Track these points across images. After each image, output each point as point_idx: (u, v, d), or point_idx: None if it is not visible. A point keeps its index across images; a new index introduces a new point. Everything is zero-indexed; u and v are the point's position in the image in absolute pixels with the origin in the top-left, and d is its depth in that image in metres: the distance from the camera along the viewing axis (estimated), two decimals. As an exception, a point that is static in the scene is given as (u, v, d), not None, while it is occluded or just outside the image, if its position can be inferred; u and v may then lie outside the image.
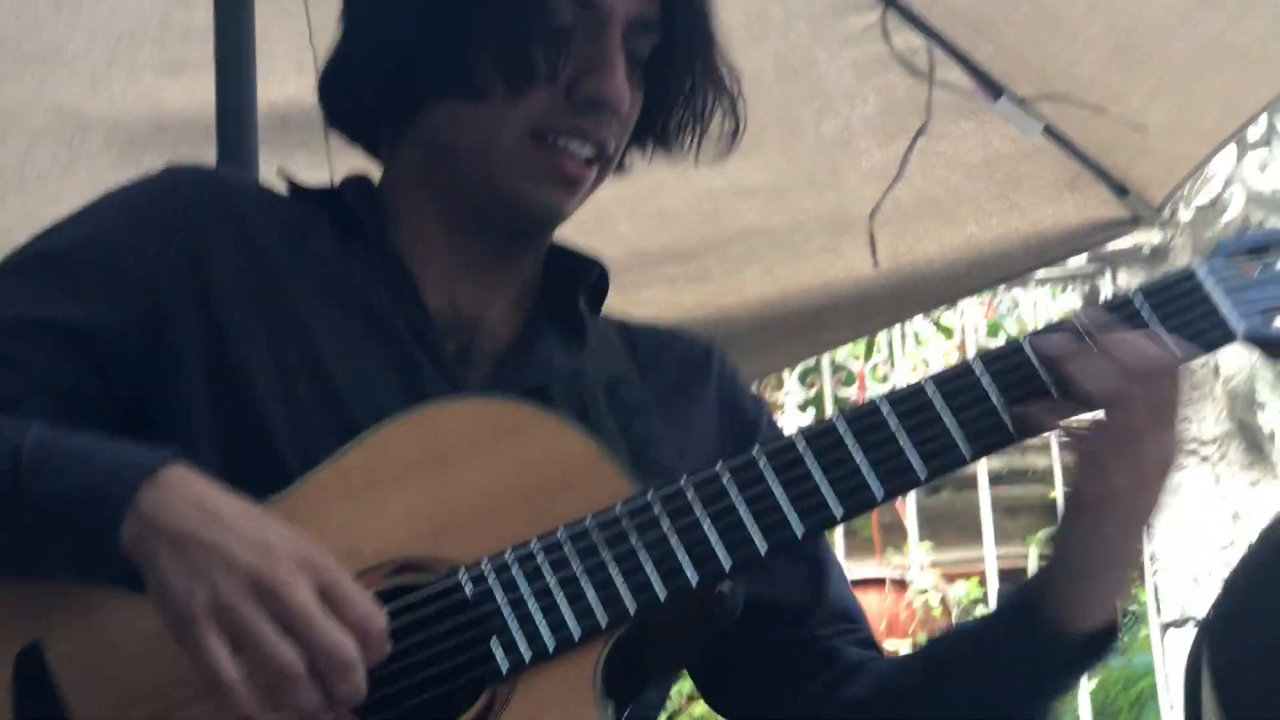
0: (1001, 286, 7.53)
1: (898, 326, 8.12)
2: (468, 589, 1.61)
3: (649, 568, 1.64)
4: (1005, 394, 1.69)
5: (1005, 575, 8.60)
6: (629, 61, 1.86)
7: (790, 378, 8.33)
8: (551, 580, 1.62)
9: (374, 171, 1.95)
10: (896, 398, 1.71)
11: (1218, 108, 3.25)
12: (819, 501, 1.68)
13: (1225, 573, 2.97)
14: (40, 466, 1.53)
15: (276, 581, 1.46)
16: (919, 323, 8.78)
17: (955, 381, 1.70)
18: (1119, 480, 1.69)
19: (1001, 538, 8.42)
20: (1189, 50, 3.14)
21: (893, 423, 1.69)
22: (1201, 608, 6.62)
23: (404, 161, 1.90)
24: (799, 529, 1.67)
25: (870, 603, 8.28)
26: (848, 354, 8.61)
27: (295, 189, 1.93)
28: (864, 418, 1.70)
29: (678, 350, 2.05)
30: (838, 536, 7.58)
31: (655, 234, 3.68)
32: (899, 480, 1.69)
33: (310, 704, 1.46)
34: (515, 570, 1.62)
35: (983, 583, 8.13)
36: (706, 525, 1.66)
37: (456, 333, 1.85)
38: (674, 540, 1.65)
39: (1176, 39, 3.14)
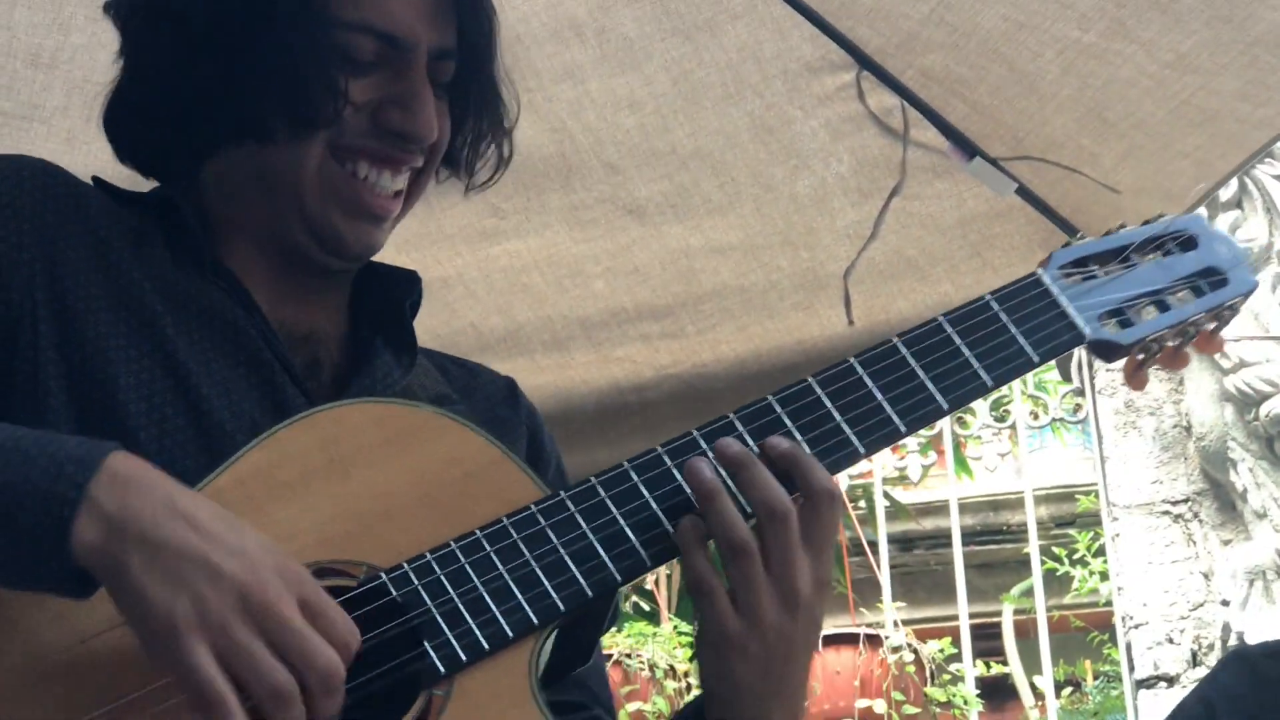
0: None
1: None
2: (394, 592, 1.60)
3: (573, 566, 1.65)
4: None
5: (978, 631, 8.61)
6: (435, 89, 1.88)
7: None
8: (477, 581, 1.62)
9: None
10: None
11: (1190, 169, 3.27)
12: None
13: (1198, 631, 2.99)
14: None
15: (267, 599, 1.45)
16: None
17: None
18: (769, 612, 1.68)
19: (975, 595, 8.43)
20: (1161, 113, 3.17)
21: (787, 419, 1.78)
22: (1174, 666, 6.62)
23: (212, 190, 1.88)
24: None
25: (844, 660, 8.27)
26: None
27: (122, 195, 1.90)
28: (761, 415, 1.78)
29: (483, 380, 2.07)
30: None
31: (630, 291, 3.69)
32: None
33: None
34: (439, 572, 1.62)
35: (956, 640, 8.12)
36: (623, 523, 1.68)
37: (297, 349, 1.84)
38: (593, 538, 1.67)
39: (1148, 101, 3.16)
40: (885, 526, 8.65)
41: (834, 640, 8.24)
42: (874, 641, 8.34)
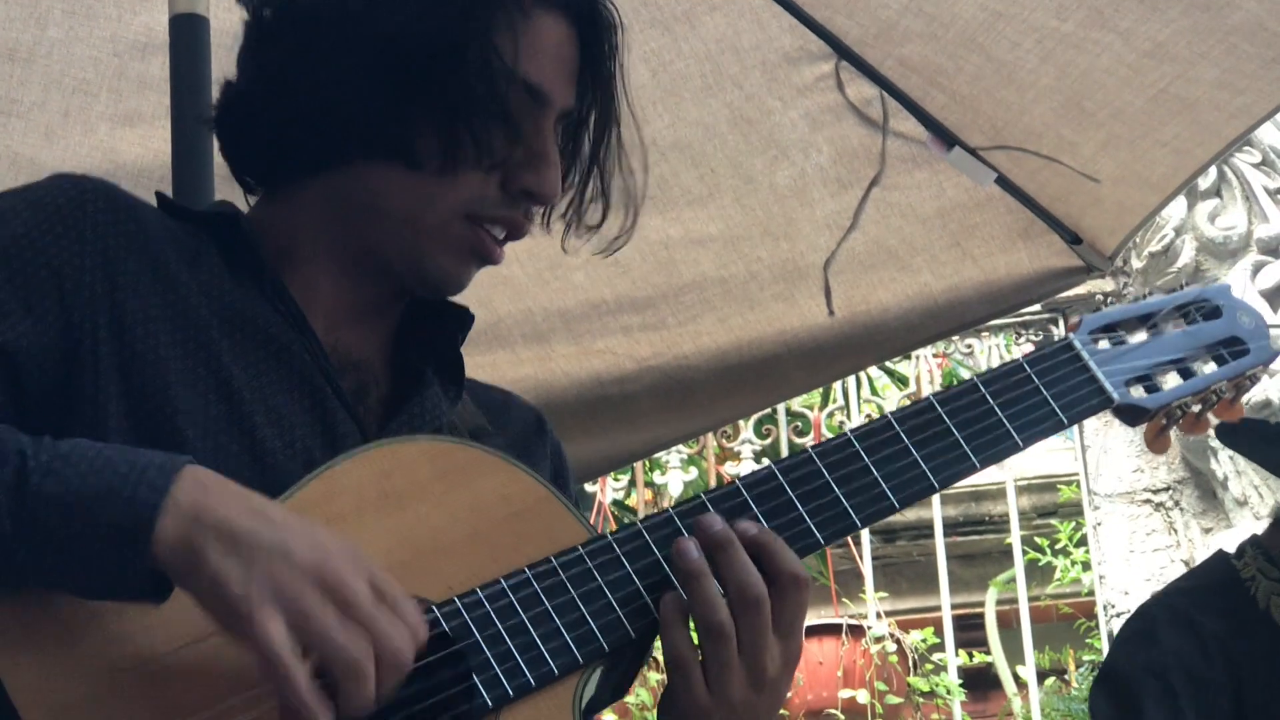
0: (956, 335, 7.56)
1: (853, 375, 8.13)
2: (445, 625, 1.64)
3: (618, 607, 1.70)
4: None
5: (961, 622, 8.62)
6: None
7: (746, 427, 8.33)
8: (525, 618, 1.67)
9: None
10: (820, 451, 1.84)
11: (1168, 158, 3.28)
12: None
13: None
14: (51, 469, 1.50)
15: (341, 576, 1.48)
16: (874, 371, 8.81)
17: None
18: (737, 691, 1.74)
19: (958, 585, 8.44)
20: (1139, 102, 3.17)
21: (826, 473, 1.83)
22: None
23: (307, 206, 1.87)
24: None
25: (827, 650, 8.27)
26: (803, 402, 8.63)
27: (181, 211, 1.90)
28: (800, 466, 1.83)
29: (514, 411, 2.09)
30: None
31: (610, 283, 3.69)
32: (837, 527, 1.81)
33: (364, 702, 1.47)
34: (489, 607, 1.66)
35: (939, 631, 8.13)
36: (666, 567, 1.73)
37: (348, 373, 1.85)
38: (638, 581, 1.72)
39: (1127, 90, 3.17)
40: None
41: (817, 631, 8.25)
42: (856, 632, 8.35)
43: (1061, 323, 7.67)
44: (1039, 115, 3.29)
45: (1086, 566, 8.10)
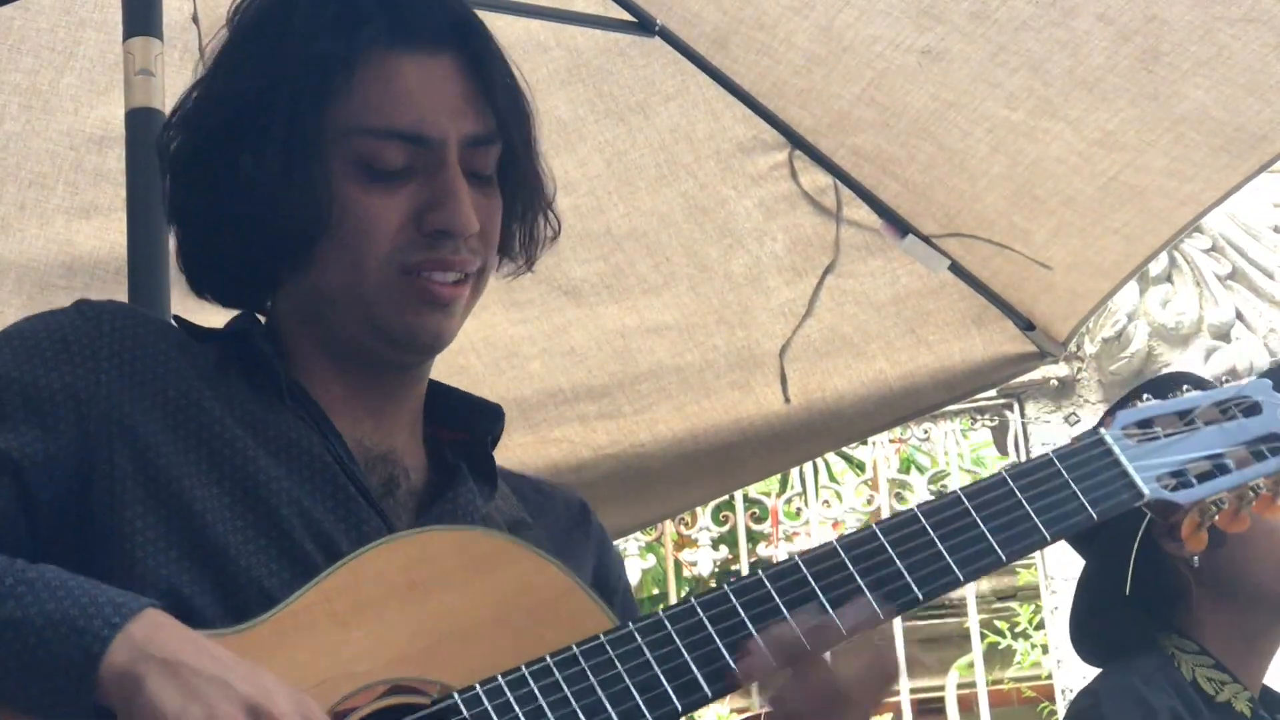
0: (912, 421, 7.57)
1: (810, 462, 8.13)
2: (465, 711, 1.64)
3: (637, 695, 1.70)
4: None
5: (923, 706, 8.59)
6: (476, 180, 1.86)
7: (704, 514, 8.33)
8: (544, 705, 1.66)
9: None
10: (852, 539, 1.83)
11: (1119, 245, 3.31)
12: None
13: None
14: (14, 593, 1.52)
15: (276, 712, 1.48)
16: (831, 458, 8.81)
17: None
18: None
19: (919, 669, 8.42)
20: (1090, 189, 3.21)
21: (848, 563, 1.82)
22: None
23: (286, 313, 1.90)
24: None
25: (787, 738, 8.22)
26: (760, 489, 8.62)
27: (200, 331, 1.92)
28: (824, 559, 1.81)
29: (558, 501, 2.09)
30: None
31: (567, 372, 3.69)
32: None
33: None
34: (509, 694, 1.66)
35: (898, 716, 8.11)
36: (687, 656, 1.73)
37: (375, 469, 1.86)
38: (658, 669, 1.72)
39: (1077, 178, 3.20)
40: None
41: (776, 718, 8.21)
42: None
43: (1017, 408, 7.70)
44: (991, 203, 3.32)
45: (1046, 649, 8.10)
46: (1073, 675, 6.98)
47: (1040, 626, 8.63)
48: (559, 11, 3.25)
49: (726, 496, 8.05)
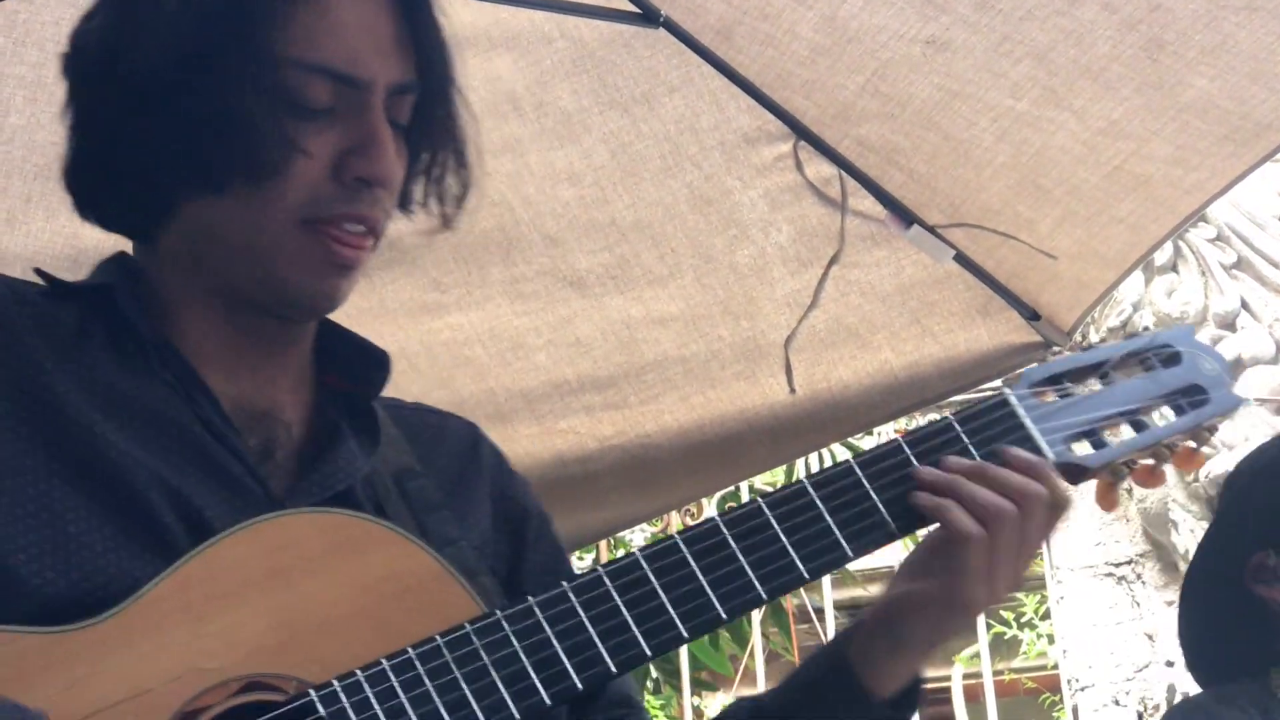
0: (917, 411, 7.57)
1: (815, 452, 8.13)
2: (321, 710, 1.57)
3: (502, 688, 1.63)
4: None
5: (927, 696, 8.59)
6: (394, 129, 1.79)
7: (709, 505, 8.33)
8: (404, 700, 1.59)
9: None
10: (730, 518, 1.75)
11: (1124, 234, 3.31)
12: (665, 621, 1.70)
13: (1143, 693, 3.02)
14: None
15: None
16: (837, 448, 8.80)
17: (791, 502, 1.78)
18: (976, 589, 1.77)
19: (922, 661, 8.40)
20: (1094, 179, 3.20)
21: (732, 541, 1.74)
22: (1122, 728, 6.63)
23: (170, 254, 1.81)
24: (646, 648, 1.68)
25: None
26: (766, 480, 8.62)
27: (63, 287, 1.83)
28: (702, 538, 1.74)
29: (449, 439, 2.00)
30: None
31: (572, 363, 3.69)
32: (740, 599, 1.73)
33: None
34: (367, 690, 1.59)
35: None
36: (556, 645, 1.66)
37: (254, 429, 1.79)
38: (525, 660, 1.64)
39: (1082, 168, 3.20)
40: (831, 593, 8.64)
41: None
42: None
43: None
44: (996, 192, 3.32)
45: (1052, 639, 8.10)
46: (1078, 665, 6.98)
47: (1046, 616, 8.63)
48: (563, 3, 3.25)
49: (732, 487, 8.05)
